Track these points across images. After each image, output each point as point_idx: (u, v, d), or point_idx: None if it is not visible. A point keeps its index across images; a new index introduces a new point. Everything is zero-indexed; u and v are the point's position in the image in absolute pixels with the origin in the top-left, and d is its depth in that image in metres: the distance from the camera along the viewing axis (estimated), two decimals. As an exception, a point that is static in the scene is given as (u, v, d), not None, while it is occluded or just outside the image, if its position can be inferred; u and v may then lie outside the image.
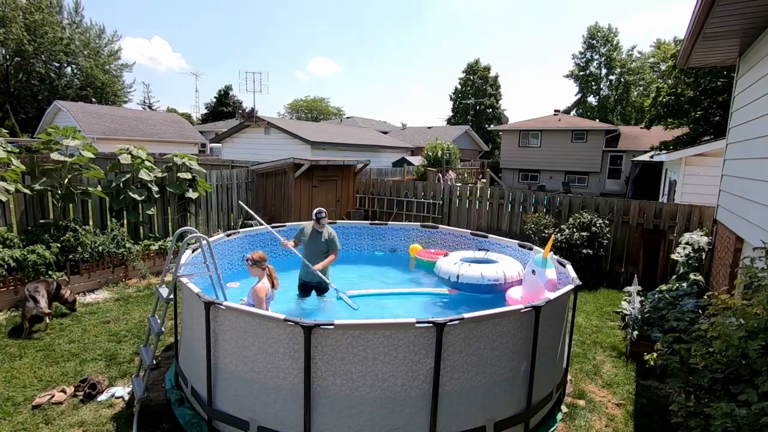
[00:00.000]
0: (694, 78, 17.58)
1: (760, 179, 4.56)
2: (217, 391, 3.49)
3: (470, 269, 5.78)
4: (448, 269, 5.96)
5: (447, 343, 3.13)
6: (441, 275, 6.04)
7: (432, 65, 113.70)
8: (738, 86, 6.22)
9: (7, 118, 27.47)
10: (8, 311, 5.68)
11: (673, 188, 11.74)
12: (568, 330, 4.49)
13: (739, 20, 4.79)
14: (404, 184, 11.35)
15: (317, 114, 62.55)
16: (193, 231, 4.31)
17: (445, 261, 6.18)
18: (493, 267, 5.80)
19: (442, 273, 6.02)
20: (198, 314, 3.56)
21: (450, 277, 5.87)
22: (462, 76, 48.28)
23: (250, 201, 10.35)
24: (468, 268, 5.82)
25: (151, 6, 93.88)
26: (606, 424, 3.96)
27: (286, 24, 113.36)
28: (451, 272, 5.88)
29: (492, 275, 5.66)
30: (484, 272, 5.69)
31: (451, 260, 6.15)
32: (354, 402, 3.11)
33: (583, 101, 46.40)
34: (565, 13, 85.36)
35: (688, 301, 5.46)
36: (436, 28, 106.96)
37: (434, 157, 20.00)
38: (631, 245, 8.38)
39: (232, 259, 6.38)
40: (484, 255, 6.36)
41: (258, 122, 19.50)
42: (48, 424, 3.61)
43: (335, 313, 5.44)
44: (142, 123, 25.92)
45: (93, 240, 6.83)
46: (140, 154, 7.83)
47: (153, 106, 49.35)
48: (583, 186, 29.59)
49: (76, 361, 4.58)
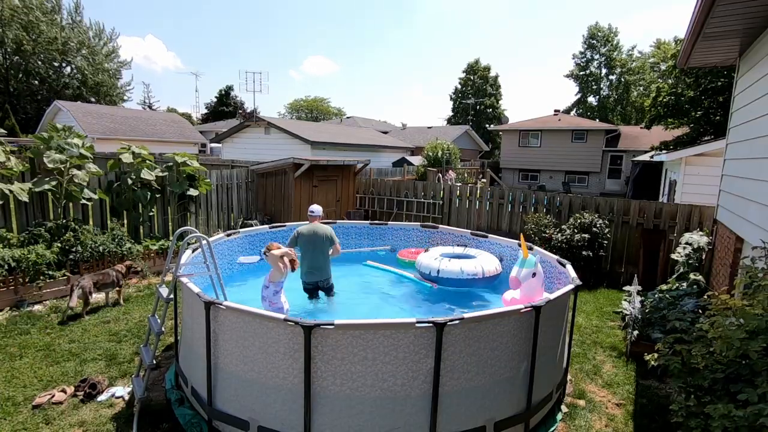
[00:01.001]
0: (694, 78, 17.57)
1: (761, 179, 4.56)
2: (217, 391, 3.49)
3: (450, 264, 5.96)
4: (428, 264, 6.14)
5: (447, 343, 3.13)
6: (422, 270, 6.22)
7: (432, 65, 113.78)
8: (738, 86, 6.21)
9: (6, 118, 27.47)
10: (8, 311, 5.69)
11: (673, 188, 11.74)
12: (568, 330, 4.49)
13: (739, 20, 4.79)
14: (404, 184, 11.35)
15: (317, 114, 62.56)
16: (193, 231, 4.31)
17: (426, 256, 6.38)
18: (472, 262, 5.98)
19: (423, 267, 6.19)
20: (198, 314, 3.56)
21: (431, 271, 6.06)
22: (462, 76, 48.29)
23: (250, 201, 10.35)
24: (448, 263, 6.00)
25: (143, 5, 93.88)
26: (606, 424, 3.96)
27: (285, 23, 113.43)
28: (432, 267, 6.07)
29: (471, 270, 5.83)
30: (464, 267, 5.86)
31: (431, 255, 6.36)
32: (354, 402, 3.11)
33: (583, 101, 46.40)
34: (565, 13, 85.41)
35: (688, 301, 5.46)
36: (436, 27, 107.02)
37: (434, 157, 20.00)
38: (631, 245, 8.38)
39: (232, 259, 6.38)
40: (463, 251, 6.58)
41: (258, 122, 19.51)
42: (48, 424, 3.61)
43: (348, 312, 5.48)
44: (142, 123, 25.91)
45: (93, 240, 6.83)
46: (142, 153, 7.82)
47: (153, 106, 49.38)
48: (583, 186, 29.59)
49: (76, 361, 4.58)
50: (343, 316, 3.65)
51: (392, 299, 6.11)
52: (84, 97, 35.81)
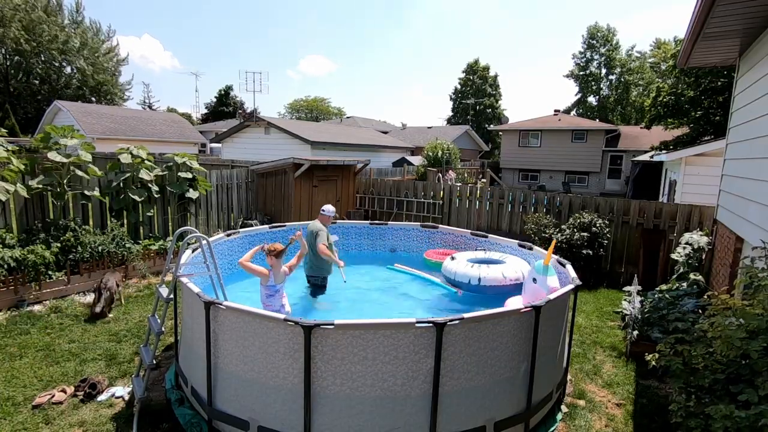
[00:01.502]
0: (694, 78, 17.57)
1: (761, 179, 4.56)
2: (217, 390, 3.49)
3: (491, 271, 5.53)
4: (465, 272, 5.66)
5: (447, 343, 3.13)
6: (458, 279, 5.76)
7: (432, 65, 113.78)
8: (738, 86, 6.21)
9: (7, 118, 27.49)
10: (8, 311, 5.69)
11: (673, 188, 11.74)
12: (568, 330, 4.48)
13: (739, 20, 4.79)
14: (404, 184, 11.35)
15: (317, 114, 62.57)
16: (193, 231, 4.31)
17: (459, 264, 5.88)
18: (511, 267, 5.62)
19: (459, 276, 5.72)
20: (198, 314, 3.56)
21: (470, 280, 5.60)
22: (462, 76, 48.29)
23: (250, 201, 10.35)
24: (488, 269, 5.59)
25: (140, 4, 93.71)
26: (606, 424, 3.96)
27: (285, 23, 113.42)
28: (471, 275, 5.60)
29: (512, 275, 5.50)
30: (505, 272, 5.51)
31: (462, 263, 5.87)
32: (354, 402, 3.11)
33: (583, 101, 46.41)
34: (565, 13, 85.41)
35: (688, 301, 5.46)
36: (436, 27, 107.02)
37: (434, 157, 20.00)
38: (631, 245, 8.38)
39: (232, 259, 6.38)
40: (485, 254, 6.26)
41: (258, 122, 19.51)
42: (48, 424, 3.61)
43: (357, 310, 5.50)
44: (142, 123, 25.90)
45: (93, 240, 6.83)
46: (140, 153, 7.82)
47: (153, 106, 49.40)
48: (583, 186, 29.59)
49: (76, 361, 4.58)
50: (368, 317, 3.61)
51: (421, 303, 6.02)
52: (85, 97, 35.82)
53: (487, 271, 5.57)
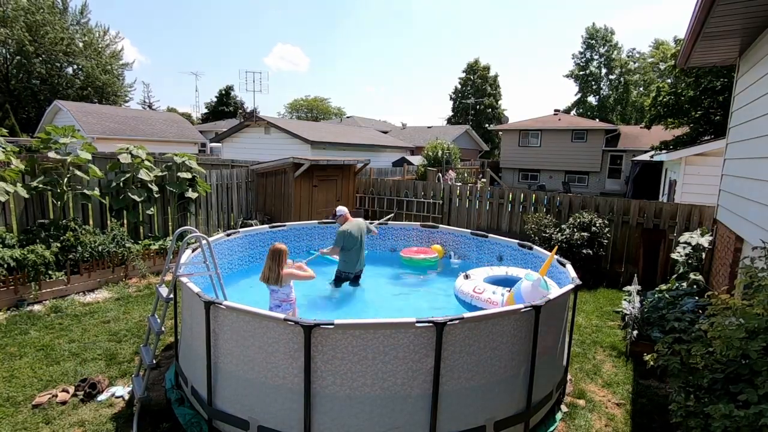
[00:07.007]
0: (694, 77, 17.55)
1: (760, 179, 4.56)
2: (217, 390, 3.49)
3: (530, 293, 4.53)
4: (489, 298, 5.10)
5: (447, 342, 3.13)
6: (474, 304, 5.15)
7: (432, 65, 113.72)
8: (738, 86, 6.21)
9: (7, 118, 27.46)
10: (8, 311, 5.69)
11: (673, 188, 11.74)
12: (568, 330, 4.48)
13: (739, 20, 4.79)
14: (404, 183, 11.35)
15: (317, 114, 62.56)
16: (193, 230, 4.31)
17: (476, 286, 5.33)
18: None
19: (479, 303, 5.10)
20: (198, 314, 3.56)
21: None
22: (462, 76, 48.32)
23: (250, 200, 10.35)
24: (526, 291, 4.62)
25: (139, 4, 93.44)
26: (606, 424, 3.96)
27: (285, 23, 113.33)
28: (495, 301, 5.01)
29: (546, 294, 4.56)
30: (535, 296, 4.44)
31: (480, 283, 5.33)
32: (354, 401, 3.11)
33: (583, 101, 46.43)
34: (565, 13, 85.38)
35: (688, 301, 5.46)
36: (436, 27, 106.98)
37: (434, 156, 20.01)
38: (631, 245, 8.38)
39: (232, 259, 6.38)
40: (506, 272, 5.68)
41: (258, 122, 19.50)
42: (48, 424, 3.61)
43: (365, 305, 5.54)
44: (142, 123, 25.91)
45: (93, 239, 6.83)
46: (140, 153, 7.82)
47: (153, 106, 49.39)
48: (583, 186, 29.60)
49: (76, 361, 4.58)
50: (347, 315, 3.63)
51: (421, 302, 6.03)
52: (89, 98, 35.81)
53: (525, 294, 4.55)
